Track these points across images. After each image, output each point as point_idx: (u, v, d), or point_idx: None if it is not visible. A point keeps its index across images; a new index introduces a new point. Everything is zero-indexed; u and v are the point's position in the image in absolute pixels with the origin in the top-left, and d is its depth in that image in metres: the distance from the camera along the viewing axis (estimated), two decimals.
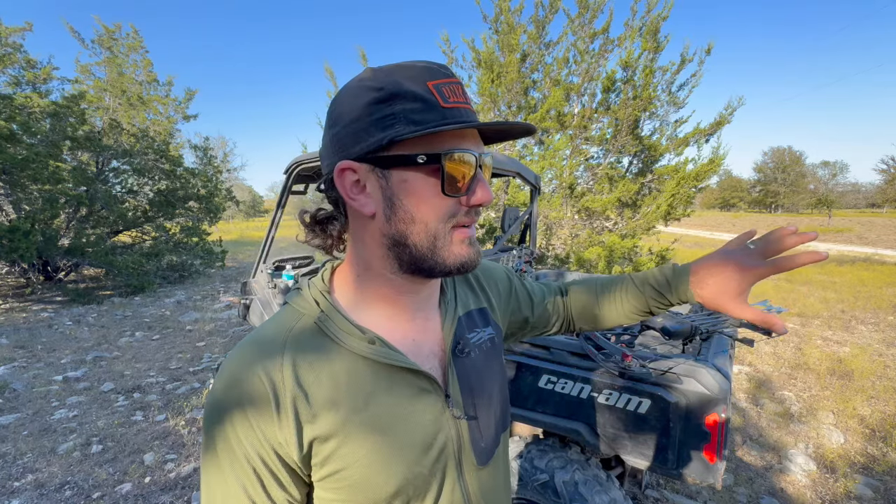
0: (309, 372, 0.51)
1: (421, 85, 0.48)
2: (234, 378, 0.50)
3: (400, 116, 0.48)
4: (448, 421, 0.57)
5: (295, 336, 0.53)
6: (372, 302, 0.57)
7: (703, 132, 5.62)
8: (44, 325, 5.74)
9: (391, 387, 0.54)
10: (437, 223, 0.51)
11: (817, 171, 55.47)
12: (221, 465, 0.49)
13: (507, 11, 5.94)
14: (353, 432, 0.50)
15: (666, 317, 1.68)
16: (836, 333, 5.29)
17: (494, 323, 0.72)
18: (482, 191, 0.52)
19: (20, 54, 7.45)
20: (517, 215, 3.15)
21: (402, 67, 0.50)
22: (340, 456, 0.50)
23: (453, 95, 0.49)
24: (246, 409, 0.48)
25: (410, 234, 0.51)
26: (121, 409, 3.45)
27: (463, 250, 0.53)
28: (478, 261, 0.55)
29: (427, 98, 0.48)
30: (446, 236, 0.52)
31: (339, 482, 0.50)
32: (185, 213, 9.75)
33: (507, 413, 0.69)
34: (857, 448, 2.92)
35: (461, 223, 0.52)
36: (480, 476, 0.61)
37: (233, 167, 33.64)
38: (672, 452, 1.46)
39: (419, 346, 0.59)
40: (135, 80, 9.72)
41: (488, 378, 0.64)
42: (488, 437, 0.62)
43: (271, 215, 3.02)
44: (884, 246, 14.96)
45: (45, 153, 6.64)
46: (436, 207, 0.51)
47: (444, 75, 0.50)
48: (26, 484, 2.53)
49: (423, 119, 0.48)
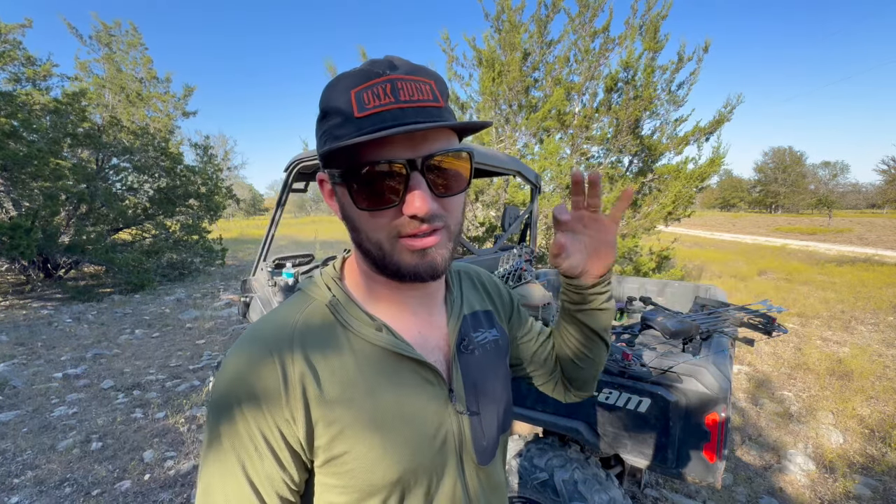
0: (319, 353, 0.52)
1: (344, 95, 0.46)
2: (246, 356, 0.51)
3: (328, 133, 0.48)
4: (450, 415, 0.57)
5: (306, 319, 0.54)
6: (378, 293, 0.57)
7: (704, 131, 5.62)
8: (44, 322, 5.74)
9: (397, 375, 0.54)
10: (377, 232, 0.50)
11: (818, 172, 55.50)
12: (223, 442, 0.48)
13: (509, 10, 5.92)
14: (358, 417, 0.50)
15: (666, 316, 1.68)
16: (836, 334, 5.29)
17: (500, 327, 0.71)
18: (419, 201, 0.46)
19: (20, 51, 7.44)
20: (517, 214, 3.14)
21: (340, 77, 0.48)
22: (344, 439, 0.50)
23: (375, 100, 0.45)
24: (254, 386, 0.49)
25: (361, 241, 0.52)
26: (120, 406, 3.45)
27: (411, 260, 0.50)
28: (434, 271, 0.51)
29: (344, 110, 0.46)
30: (392, 245, 0.50)
31: (340, 467, 0.50)
32: (186, 210, 9.75)
33: (510, 416, 0.69)
34: (856, 448, 2.92)
35: (402, 234, 0.49)
36: (480, 476, 0.61)
37: (233, 165, 33.66)
38: (672, 452, 1.46)
39: (425, 339, 0.59)
40: (134, 76, 9.70)
41: (491, 378, 0.64)
42: (490, 436, 0.62)
43: (271, 213, 3.02)
44: (884, 246, 14.96)
45: (46, 150, 6.64)
46: (368, 220, 0.49)
47: (375, 76, 0.46)
48: (26, 481, 2.54)
49: (342, 134, 0.46)
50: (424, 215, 0.47)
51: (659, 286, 2.99)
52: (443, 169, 0.49)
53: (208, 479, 0.49)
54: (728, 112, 5.48)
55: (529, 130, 6.15)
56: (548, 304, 2.66)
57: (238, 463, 0.48)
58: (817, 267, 10.24)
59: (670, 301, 2.88)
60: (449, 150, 0.49)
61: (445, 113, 0.49)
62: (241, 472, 0.48)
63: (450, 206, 0.51)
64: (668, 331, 1.59)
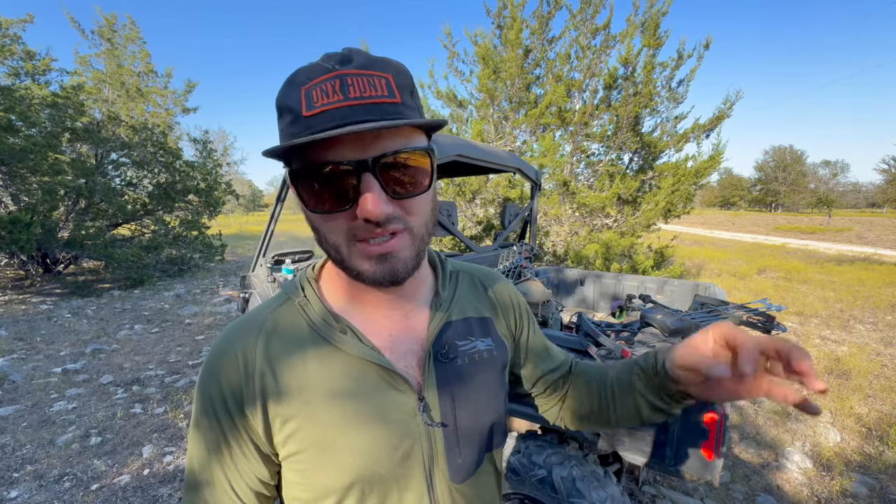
0: (281, 351, 0.52)
1: (296, 93, 0.44)
2: (215, 353, 0.53)
3: (282, 132, 0.47)
4: (419, 426, 0.53)
5: (276, 317, 0.55)
6: (349, 294, 0.56)
7: (703, 128, 5.60)
8: (43, 317, 5.74)
9: (361, 380, 0.52)
10: (334, 235, 0.48)
11: (818, 171, 55.51)
12: (200, 434, 0.52)
13: (511, 5, 5.89)
14: (314, 417, 0.50)
15: (666, 314, 1.68)
16: (835, 332, 5.30)
17: (497, 337, 0.65)
18: (370, 204, 0.43)
19: (19, 45, 7.41)
20: (517, 211, 3.13)
21: (298, 72, 0.45)
22: (298, 439, 0.50)
23: (323, 97, 0.43)
24: (221, 382, 0.51)
25: (320, 242, 0.50)
26: (120, 401, 3.45)
27: (365, 265, 0.48)
28: (393, 276, 0.48)
29: (294, 108, 0.44)
30: (349, 248, 0.48)
31: (297, 464, 0.51)
32: (185, 206, 9.73)
33: (499, 434, 0.63)
34: (853, 446, 2.93)
35: (358, 238, 0.47)
36: (455, 494, 0.56)
37: (232, 161, 33.62)
38: (670, 449, 1.47)
39: (395, 343, 0.56)
40: (133, 71, 9.66)
41: (476, 390, 0.59)
42: (468, 453, 0.57)
43: (271, 209, 3.01)
44: (883, 246, 14.97)
45: (44, 144, 6.62)
46: (323, 223, 0.48)
47: (324, 71, 0.44)
48: (25, 475, 2.54)
49: (293, 133, 0.44)
50: (377, 218, 0.44)
51: (658, 284, 2.99)
52: (399, 169, 0.46)
53: (190, 464, 0.53)
54: (728, 108, 5.46)
55: (529, 127, 6.13)
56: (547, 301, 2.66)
57: (209, 453, 0.52)
58: (816, 266, 10.24)
59: (670, 299, 2.88)
60: (404, 150, 0.45)
61: (403, 108, 0.45)
62: (214, 461, 0.52)
63: (411, 207, 0.48)
64: (667, 329, 1.59)
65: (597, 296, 3.41)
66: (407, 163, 0.46)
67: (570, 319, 2.87)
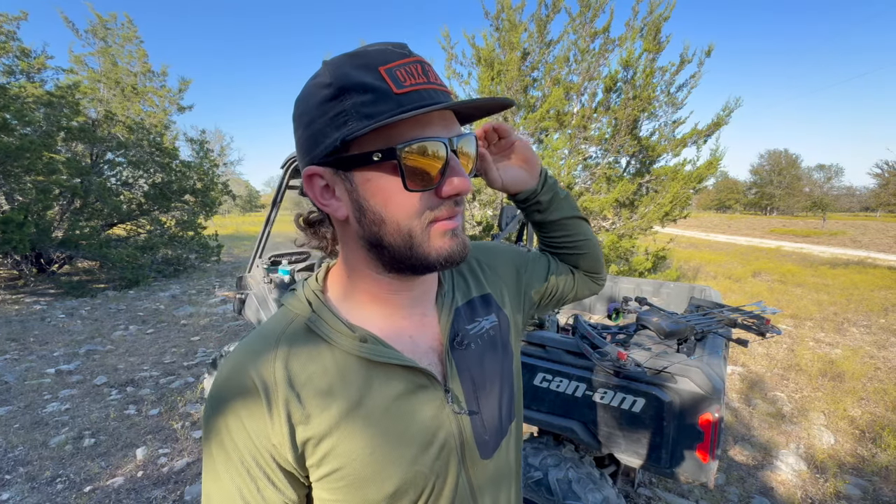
0: (301, 372, 0.50)
1: (372, 72, 0.44)
2: (228, 381, 0.50)
3: (351, 112, 0.45)
4: (448, 416, 0.55)
5: (287, 337, 0.52)
6: (365, 301, 0.56)
7: (702, 133, 5.63)
8: (36, 317, 5.69)
9: (388, 386, 0.52)
10: (410, 220, 0.48)
11: (813, 175, 55.93)
12: (217, 467, 0.49)
13: (508, 8, 5.91)
14: (349, 431, 0.49)
15: (662, 316, 1.69)
16: (829, 335, 5.34)
17: (499, 308, 0.69)
18: (458, 180, 0.47)
19: (14, 43, 7.36)
20: (514, 213, 3.14)
21: (353, 56, 0.46)
22: (336, 455, 0.49)
23: (410, 78, 0.44)
24: (239, 412, 0.48)
25: (384, 235, 0.49)
26: (114, 402, 3.43)
27: (444, 243, 0.49)
28: (465, 252, 0.51)
29: (378, 86, 0.44)
30: (423, 232, 0.48)
31: (336, 482, 0.49)
32: (181, 206, 9.68)
33: (517, 401, 0.67)
34: (847, 449, 2.95)
35: (439, 217, 0.48)
36: (487, 467, 0.60)
37: (229, 161, 33.49)
38: (665, 451, 1.47)
39: (416, 343, 0.57)
40: (129, 70, 9.61)
41: (491, 369, 0.62)
42: (492, 428, 0.61)
43: (267, 210, 3.00)
44: (877, 249, 15.09)
45: (39, 143, 6.58)
46: (404, 205, 0.47)
47: (401, 55, 0.45)
48: (17, 477, 2.52)
49: (376, 111, 0.44)
50: (467, 192, 0.48)
51: (654, 286, 3.00)
52: (464, 151, 0.51)
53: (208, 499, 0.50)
54: (726, 115, 5.50)
55: (528, 130, 6.15)
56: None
57: (235, 489, 0.48)
58: (811, 269, 10.31)
59: (666, 301, 2.89)
60: (469, 133, 0.51)
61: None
62: (238, 497, 0.48)
63: None
64: (663, 331, 1.60)
65: (593, 298, 3.41)
66: (471, 145, 0.52)
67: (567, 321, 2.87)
